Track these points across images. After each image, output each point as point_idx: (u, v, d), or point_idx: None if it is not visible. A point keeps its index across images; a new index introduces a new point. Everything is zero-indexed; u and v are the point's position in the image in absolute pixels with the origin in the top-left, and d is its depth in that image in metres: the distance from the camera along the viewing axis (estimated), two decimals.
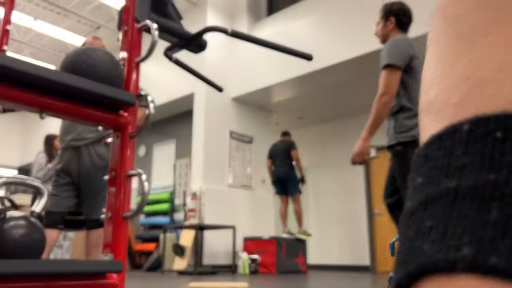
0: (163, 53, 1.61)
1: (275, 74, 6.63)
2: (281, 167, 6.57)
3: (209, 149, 6.74)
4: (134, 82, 1.20)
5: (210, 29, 1.47)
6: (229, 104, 7.25)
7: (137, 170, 1.09)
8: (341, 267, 7.84)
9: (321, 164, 8.64)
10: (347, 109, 8.12)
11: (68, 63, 1.10)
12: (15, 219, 1.12)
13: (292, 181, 6.54)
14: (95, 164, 2.81)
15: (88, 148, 2.83)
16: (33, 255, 1.10)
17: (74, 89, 1.00)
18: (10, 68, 0.89)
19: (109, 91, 1.05)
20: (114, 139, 1.15)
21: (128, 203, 1.11)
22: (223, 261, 6.51)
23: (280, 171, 6.58)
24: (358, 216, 7.86)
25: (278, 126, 9.06)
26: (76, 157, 2.83)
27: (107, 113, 1.10)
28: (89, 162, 2.81)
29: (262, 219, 7.33)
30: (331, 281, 3.89)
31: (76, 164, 2.83)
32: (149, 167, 8.58)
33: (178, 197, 7.80)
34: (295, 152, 6.60)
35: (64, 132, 2.91)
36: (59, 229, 2.78)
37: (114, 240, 1.07)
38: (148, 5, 1.25)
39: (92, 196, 2.79)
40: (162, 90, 7.73)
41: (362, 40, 5.72)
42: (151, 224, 7.78)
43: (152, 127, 8.55)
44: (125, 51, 1.21)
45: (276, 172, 6.64)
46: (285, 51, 1.55)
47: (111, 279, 1.02)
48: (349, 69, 6.16)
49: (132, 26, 1.22)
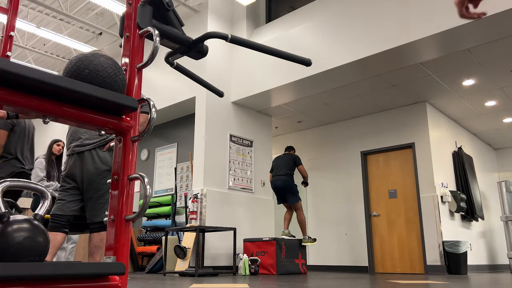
0: (164, 59, 1.63)
1: (274, 79, 6.66)
2: (280, 176, 6.63)
3: (210, 152, 6.76)
4: (136, 87, 1.21)
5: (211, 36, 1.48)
6: (229, 108, 7.27)
7: (139, 174, 1.10)
8: (340, 268, 7.85)
9: (320, 167, 8.65)
10: (345, 113, 8.14)
11: (71, 68, 1.12)
12: (19, 222, 1.13)
13: (290, 190, 6.57)
14: (98, 168, 2.86)
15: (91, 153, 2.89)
16: (36, 258, 1.11)
17: (77, 94, 1.01)
18: (14, 74, 0.90)
19: (112, 96, 1.06)
20: (117, 143, 1.17)
21: (131, 206, 1.12)
22: (224, 262, 6.52)
23: (278, 180, 6.63)
24: (356, 218, 7.86)
25: (278, 129, 9.08)
26: (79, 161, 2.90)
27: (110, 118, 1.11)
28: (91, 166, 2.86)
29: (262, 221, 7.34)
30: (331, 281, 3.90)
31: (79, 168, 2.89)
32: (151, 170, 8.61)
33: (179, 200, 7.81)
34: (302, 168, 6.72)
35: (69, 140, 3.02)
36: (64, 233, 2.81)
37: (116, 242, 1.08)
38: (149, 11, 1.27)
39: (94, 199, 2.82)
40: (163, 95, 7.76)
41: (360, 45, 5.75)
42: (153, 227, 7.79)
43: (154, 131, 8.57)
44: (127, 57, 1.23)
45: (274, 181, 6.70)
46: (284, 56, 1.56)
47: (114, 281, 1.03)
48: (347, 73, 6.18)
49: (134, 33, 1.24)
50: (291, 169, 6.68)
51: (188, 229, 5.97)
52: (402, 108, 7.76)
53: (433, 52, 5.62)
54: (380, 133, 7.95)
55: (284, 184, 6.57)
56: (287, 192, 6.59)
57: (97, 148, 2.92)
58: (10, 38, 1.75)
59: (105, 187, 2.85)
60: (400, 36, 5.38)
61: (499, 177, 10.24)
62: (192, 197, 6.38)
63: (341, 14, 6.13)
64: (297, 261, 6.41)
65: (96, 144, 2.92)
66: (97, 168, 2.86)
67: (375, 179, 7.91)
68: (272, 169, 6.88)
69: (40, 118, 1.03)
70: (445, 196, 7.16)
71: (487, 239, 8.81)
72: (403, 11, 5.44)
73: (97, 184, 2.83)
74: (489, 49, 5.70)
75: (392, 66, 6.00)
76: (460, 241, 6.63)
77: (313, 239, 6.67)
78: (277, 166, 6.79)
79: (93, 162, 2.87)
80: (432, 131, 7.43)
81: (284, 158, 6.78)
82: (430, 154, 7.21)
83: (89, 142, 2.92)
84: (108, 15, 8.10)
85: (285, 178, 6.59)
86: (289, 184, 6.58)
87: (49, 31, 8.14)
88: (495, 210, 9.50)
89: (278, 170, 6.71)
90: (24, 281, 0.89)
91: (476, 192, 8.15)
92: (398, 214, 7.43)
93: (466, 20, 4.83)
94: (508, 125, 8.83)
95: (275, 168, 6.81)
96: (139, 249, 7.55)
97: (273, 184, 6.74)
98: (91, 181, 2.84)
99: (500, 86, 6.98)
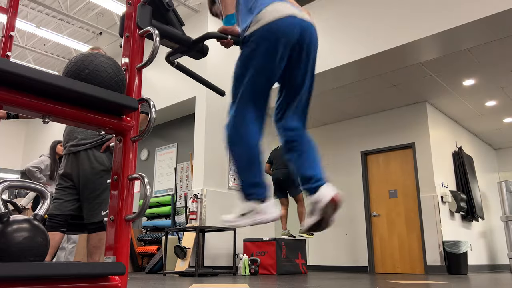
0: (165, 58, 1.63)
1: None
2: (281, 168, 6.56)
3: (210, 152, 6.76)
4: (136, 87, 1.21)
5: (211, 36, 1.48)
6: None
7: (139, 174, 1.10)
8: (340, 268, 7.85)
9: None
10: (345, 113, 8.14)
11: (71, 68, 1.12)
12: (19, 222, 1.13)
13: (292, 182, 6.52)
14: (94, 168, 2.86)
15: (87, 153, 2.89)
16: (36, 258, 1.11)
17: (77, 94, 1.01)
18: (14, 74, 0.90)
19: (112, 96, 1.06)
20: (117, 143, 1.17)
21: (131, 206, 1.12)
22: (224, 262, 6.52)
23: (280, 172, 6.57)
24: (357, 218, 7.86)
25: None
26: (75, 161, 2.89)
27: (110, 118, 1.11)
28: (88, 166, 2.85)
29: None
30: (331, 281, 3.90)
31: (76, 168, 2.88)
32: (151, 170, 8.60)
33: (179, 200, 7.81)
34: None
35: (65, 139, 3.01)
36: (62, 232, 2.80)
37: (116, 242, 1.08)
38: (149, 11, 1.27)
39: (91, 199, 2.82)
40: (163, 94, 7.76)
41: (360, 45, 5.75)
42: (153, 227, 7.79)
43: (154, 131, 8.57)
44: (127, 56, 1.23)
45: (275, 173, 6.62)
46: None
47: (114, 281, 1.03)
48: (347, 73, 6.18)
49: (134, 32, 1.24)
50: None
51: (188, 229, 5.97)
52: (402, 108, 7.75)
53: (433, 52, 5.62)
54: (380, 133, 7.94)
55: (285, 176, 6.51)
56: (289, 183, 6.52)
57: (93, 148, 2.91)
58: (10, 38, 1.75)
59: (101, 187, 2.84)
60: (400, 36, 5.38)
61: (499, 177, 10.23)
62: (192, 197, 6.38)
63: (341, 14, 6.13)
64: (297, 261, 6.41)
65: (92, 144, 2.91)
66: (93, 168, 2.86)
67: (375, 179, 7.91)
68: (271, 162, 6.78)
69: (40, 118, 1.03)
70: (445, 196, 7.15)
71: (487, 239, 8.81)
72: (403, 11, 5.44)
73: (93, 184, 2.82)
74: (489, 49, 5.70)
75: (392, 66, 6.00)
76: (460, 241, 6.63)
77: (311, 233, 6.65)
78: (275, 158, 6.70)
79: (89, 162, 2.87)
80: (432, 131, 7.43)
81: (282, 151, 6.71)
82: (430, 154, 7.21)
83: (85, 142, 2.91)
84: (108, 15, 8.10)
85: (286, 170, 6.52)
86: (292, 177, 6.52)
87: (49, 31, 8.13)
88: (495, 210, 9.50)
89: (278, 163, 6.63)
90: (24, 281, 0.89)
91: (476, 192, 8.15)
92: (398, 214, 7.42)
93: (466, 19, 4.82)
94: (508, 125, 8.83)
95: (274, 160, 6.72)
96: (139, 249, 7.55)
97: (275, 177, 6.67)
98: (87, 181, 2.83)
99: (500, 86, 6.97)
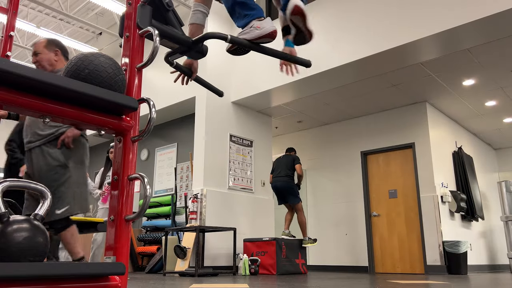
0: (164, 58, 1.63)
1: (274, 79, 6.65)
2: (280, 177, 6.66)
3: (210, 152, 6.76)
4: (136, 87, 1.21)
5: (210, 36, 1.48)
6: (229, 108, 7.27)
7: (139, 174, 1.10)
8: (340, 268, 7.85)
9: (320, 167, 8.66)
10: (345, 113, 8.14)
11: (71, 68, 1.12)
12: (18, 222, 1.13)
13: (291, 191, 6.59)
14: (49, 164, 2.75)
15: (41, 149, 2.78)
16: (36, 258, 1.11)
17: (76, 94, 1.01)
18: (14, 74, 0.90)
19: (112, 96, 1.06)
20: (117, 143, 1.17)
21: (130, 206, 1.12)
22: (224, 262, 6.52)
23: (278, 181, 6.66)
24: (356, 218, 7.86)
25: (278, 129, 9.08)
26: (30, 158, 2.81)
27: (110, 118, 1.11)
28: (42, 162, 2.76)
29: (262, 221, 7.33)
30: (331, 281, 3.90)
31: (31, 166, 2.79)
32: (151, 170, 8.61)
33: (179, 200, 7.81)
34: (299, 166, 6.71)
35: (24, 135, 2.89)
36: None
37: (116, 242, 1.08)
38: (149, 11, 1.27)
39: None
40: (163, 94, 7.76)
41: (360, 45, 5.75)
42: (153, 227, 7.79)
43: (154, 131, 8.57)
44: (127, 56, 1.23)
45: (274, 182, 6.72)
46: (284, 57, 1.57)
47: (114, 281, 1.03)
48: (347, 73, 6.18)
49: (134, 33, 1.24)
50: (291, 170, 6.70)
51: (188, 229, 5.97)
52: (402, 108, 7.75)
53: (433, 52, 5.62)
54: (380, 133, 7.94)
55: (284, 185, 6.60)
56: (287, 193, 6.61)
57: (47, 143, 2.79)
58: (10, 38, 1.75)
59: (55, 183, 2.70)
60: (400, 36, 5.38)
61: (499, 177, 10.23)
62: (192, 197, 6.38)
63: (341, 14, 6.13)
64: (297, 261, 6.41)
65: (45, 140, 2.79)
66: (48, 164, 2.74)
67: (375, 179, 7.91)
68: (273, 170, 6.89)
69: (40, 118, 1.03)
70: (445, 196, 7.15)
71: (487, 239, 8.81)
72: (403, 11, 5.44)
73: (46, 181, 2.66)
74: (489, 49, 5.70)
75: (392, 66, 6.00)
76: (460, 241, 6.63)
77: (313, 240, 6.67)
78: (277, 167, 6.81)
79: (44, 158, 2.75)
80: (432, 131, 7.43)
81: (284, 159, 6.81)
82: (430, 154, 7.21)
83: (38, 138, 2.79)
84: (108, 15, 8.10)
85: (286, 179, 6.61)
86: (290, 185, 6.59)
87: (49, 31, 8.13)
88: (495, 210, 9.50)
89: (278, 171, 6.74)
90: (24, 281, 0.89)
91: (476, 192, 8.15)
92: (398, 214, 7.42)
93: (466, 19, 4.82)
94: (508, 125, 8.83)
95: (275, 169, 6.83)
96: (139, 249, 7.55)
97: (273, 186, 6.77)
98: (40, 179, 2.70)
99: (500, 86, 6.97)
